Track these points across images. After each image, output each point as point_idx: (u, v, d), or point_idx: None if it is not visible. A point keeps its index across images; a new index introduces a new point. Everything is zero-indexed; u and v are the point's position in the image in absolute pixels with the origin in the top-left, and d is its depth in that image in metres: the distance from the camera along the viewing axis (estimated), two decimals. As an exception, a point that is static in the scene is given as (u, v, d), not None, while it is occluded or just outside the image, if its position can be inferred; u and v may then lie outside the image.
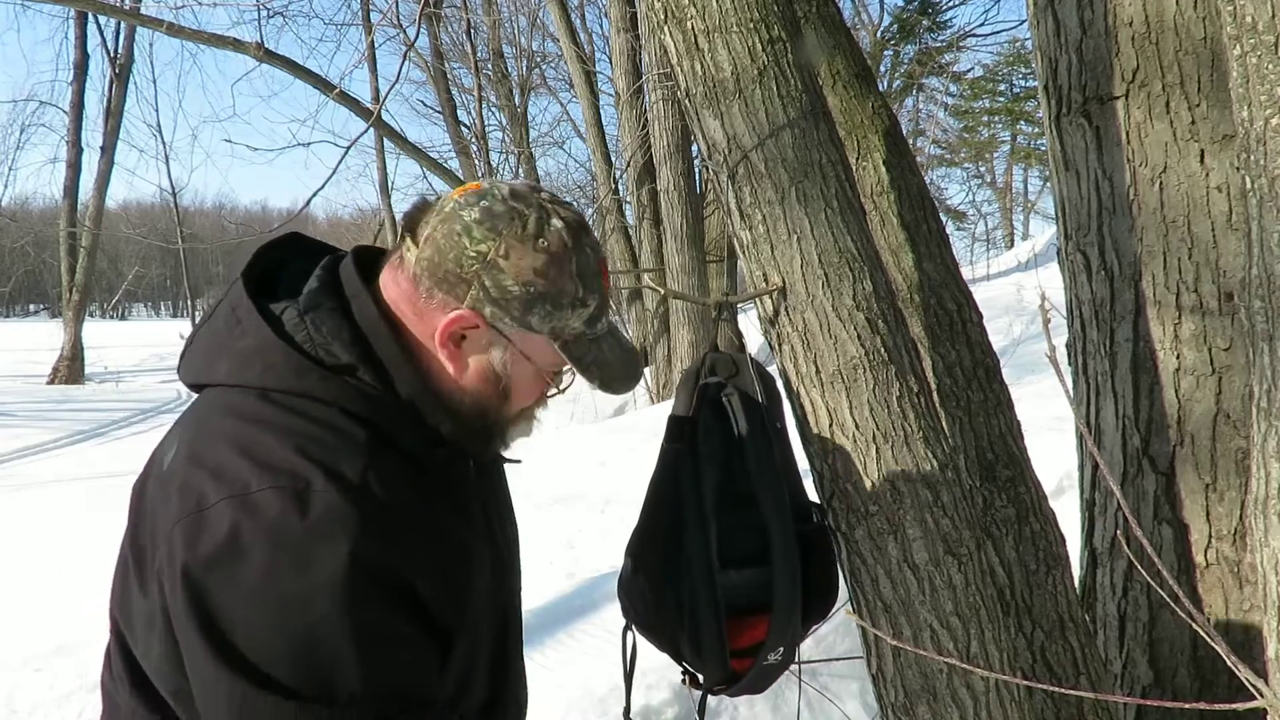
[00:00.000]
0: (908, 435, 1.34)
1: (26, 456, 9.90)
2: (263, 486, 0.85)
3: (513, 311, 0.96)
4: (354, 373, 0.95)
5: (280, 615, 0.83)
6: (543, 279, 0.96)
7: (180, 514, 0.87)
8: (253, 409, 0.93)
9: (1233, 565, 1.59)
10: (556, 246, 0.96)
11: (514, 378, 1.02)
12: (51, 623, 4.39)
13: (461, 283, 0.95)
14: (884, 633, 1.34)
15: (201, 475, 0.89)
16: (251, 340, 0.96)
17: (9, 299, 55.21)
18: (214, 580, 0.84)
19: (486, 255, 0.94)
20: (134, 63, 18.44)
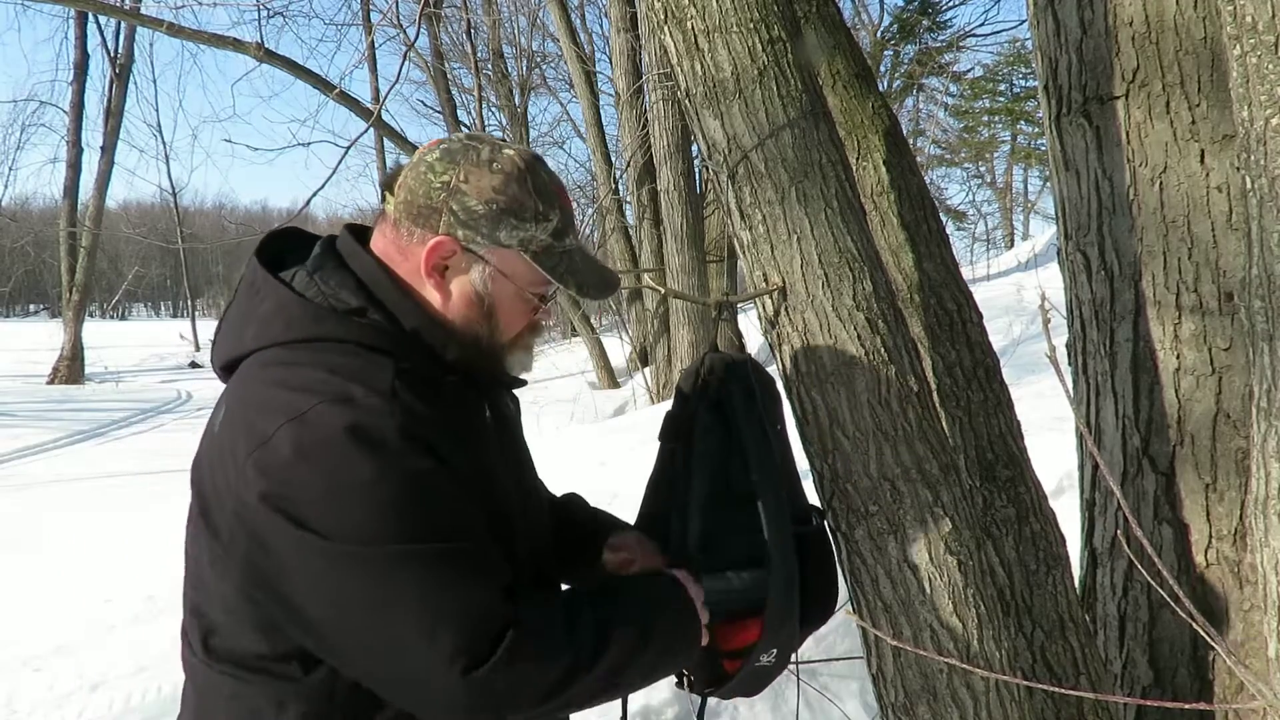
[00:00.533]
0: (908, 435, 1.34)
1: (26, 456, 9.90)
2: (313, 404, 0.96)
3: (482, 229, 1.08)
4: (364, 314, 1.07)
5: (365, 493, 0.94)
6: (503, 195, 1.07)
7: (246, 454, 0.96)
8: (283, 357, 1.04)
9: (1233, 565, 1.59)
10: (510, 168, 1.09)
11: (496, 297, 1.12)
12: (51, 623, 4.39)
13: (433, 213, 1.08)
14: (884, 633, 1.34)
15: (253, 416, 0.99)
16: (271, 302, 1.07)
17: (9, 299, 55.20)
18: (294, 490, 0.94)
19: (449, 183, 1.07)
20: (134, 63, 18.47)
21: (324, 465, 0.94)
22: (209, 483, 1.02)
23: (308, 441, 0.94)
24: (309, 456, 0.94)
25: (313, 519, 0.93)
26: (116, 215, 42.52)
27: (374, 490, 0.94)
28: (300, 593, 0.96)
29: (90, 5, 4.51)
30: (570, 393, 11.09)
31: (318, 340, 1.04)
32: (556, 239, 1.12)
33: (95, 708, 3.46)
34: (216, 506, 1.00)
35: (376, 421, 0.96)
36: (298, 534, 0.93)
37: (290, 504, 0.94)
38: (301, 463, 0.94)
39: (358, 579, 0.94)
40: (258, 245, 1.15)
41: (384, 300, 1.08)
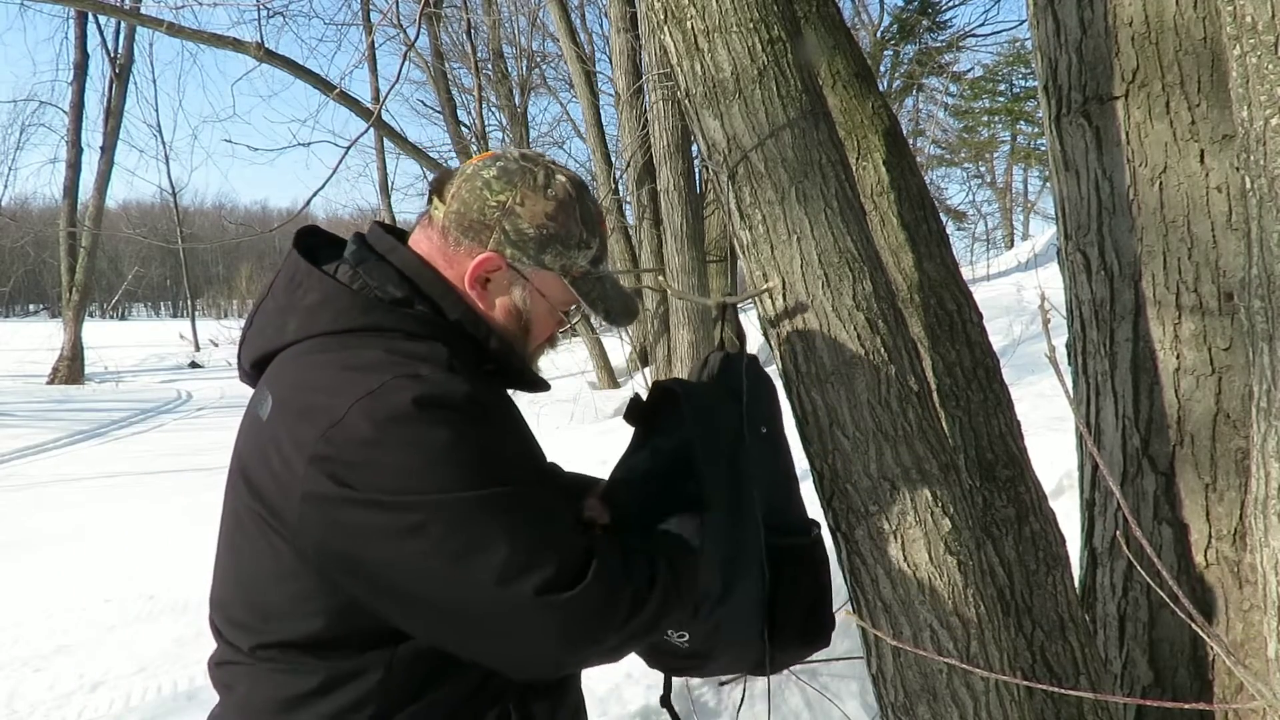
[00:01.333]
0: (908, 435, 1.33)
1: (26, 456, 9.90)
2: (384, 380, 0.98)
3: (529, 251, 1.14)
4: (410, 305, 1.11)
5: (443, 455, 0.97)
6: (554, 222, 1.13)
7: (317, 436, 0.97)
8: (335, 344, 1.06)
9: (1233, 565, 1.59)
10: (563, 195, 1.15)
11: (533, 313, 1.18)
12: (51, 623, 4.39)
13: (485, 229, 1.13)
14: (884, 633, 1.34)
15: (316, 399, 1.00)
16: (316, 294, 1.10)
17: (9, 299, 55.19)
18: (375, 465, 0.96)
19: (505, 204, 1.12)
20: (134, 63, 18.47)
21: (402, 436, 0.96)
22: (262, 475, 1.02)
23: (383, 415, 0.96)
24: (386, 430, 0.96)
25: (397, 489, 0.96)
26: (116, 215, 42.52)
27: (452, 452, 0.97)
28: (387, 564, 0.97)
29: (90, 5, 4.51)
30: (570, 393, 11.09)
31: (365, 330, 1.07)
32: (593, 265, 1.19)
33: (95, 708, 3.46)
34: (277, 496, 1.00)
35: (446, 390, 0.99)
36: (381, 508, 0.96)
37: (371, 478, 0.96)
38: (380, 436, 0.96)
39: (445, 531, 0.96)
40: (294, 240, 1.17)
41: (428, 292, 1.12)
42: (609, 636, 1.04)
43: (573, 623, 0.99)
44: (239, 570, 1.09)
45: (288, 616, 1.03)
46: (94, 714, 3.41)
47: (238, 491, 1.07)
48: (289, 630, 1.04)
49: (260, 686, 1.07)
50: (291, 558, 1.01)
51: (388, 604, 1.01)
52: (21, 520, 6.72)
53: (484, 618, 0.99)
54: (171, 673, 3.70)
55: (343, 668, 1.03)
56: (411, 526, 0.96)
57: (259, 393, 1.10)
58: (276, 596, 1.04)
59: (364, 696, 1.03)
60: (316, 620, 1.02)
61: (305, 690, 1.03)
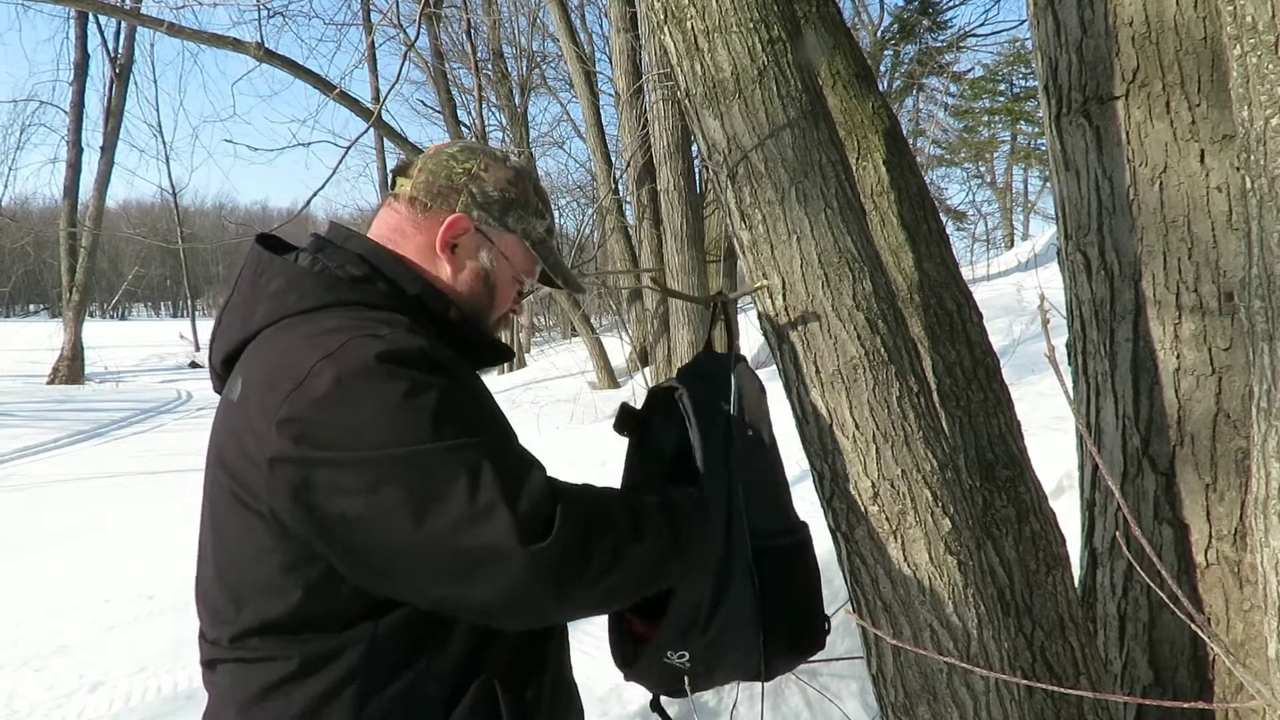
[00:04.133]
0: (908, 435, 1.34)
1: (26, 456, 9.90)
2: (344, 341, 1.01)
3: (494, 213, 1.22)
4: (370, 282, 1.14)
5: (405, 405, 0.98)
6: (514, 187, 1.24)
7: (282, 398, 0.99)
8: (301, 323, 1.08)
9: (1233, 565, 1.59)
10: (520, 167, 1.27)
11: (498, 277, 1.25)
12: (51, 623, 4.39)
13: (454, 192, 1.21)
14: (884, 633, 1.34)
15: (282, 366, 1.02)
16: (280, 280, 1.13)
17: (9, 299, 55.17)
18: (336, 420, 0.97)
19: (472, 170, 1.22)
20: (134, 63, 18.47)
21: (362, 391, 0.98)
22: (234, 454, 1.03)
23: (343, 372, 0.98)
24: (346, 386, 0.97)
25: (359, 444, 0.96)
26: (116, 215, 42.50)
27: (412, 403, 0.98)
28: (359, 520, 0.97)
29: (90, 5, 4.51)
30: (570, 393, 11.09)
31: (329, 306, 1.10)
32: (549, 235, 1.29)
33: (95, 708, 3.46)
34: (249, 469, 1.01)
35: (406, 346, 1.01)
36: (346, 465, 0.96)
37: (334, 435, 0.97)
38: (340, 393, 0.97)
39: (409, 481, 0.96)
40: (255, 238, 1.21)
41: (386, 271, 1.16)
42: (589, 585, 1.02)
43: (548, 568, 0.98)
44: (217, 559, 1.09)
45: (265, 597, 1.03)
46: (94, 714, 3.41)
47: (215, 480, 1.08)
48: (266, 611, 1.03)
49: (241, 677, 1.06)
50: (266, 532, 1.01)
51: (361, 565, 0.99)
52: (21, 520, 6.72)
53: (458, 567, 0.98)
54: (171, 673, 3.70)
55: (321, 649, 1.03)
56: (376, 480, 0.96)
57: (230, 381, 1.11)
58: (254, 577, 1.04)
59: (344, 677, 1.02)
60: (293, 596, 1.01)
61: (285, 675, 1.03)
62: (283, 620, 1.03)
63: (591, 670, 3.00)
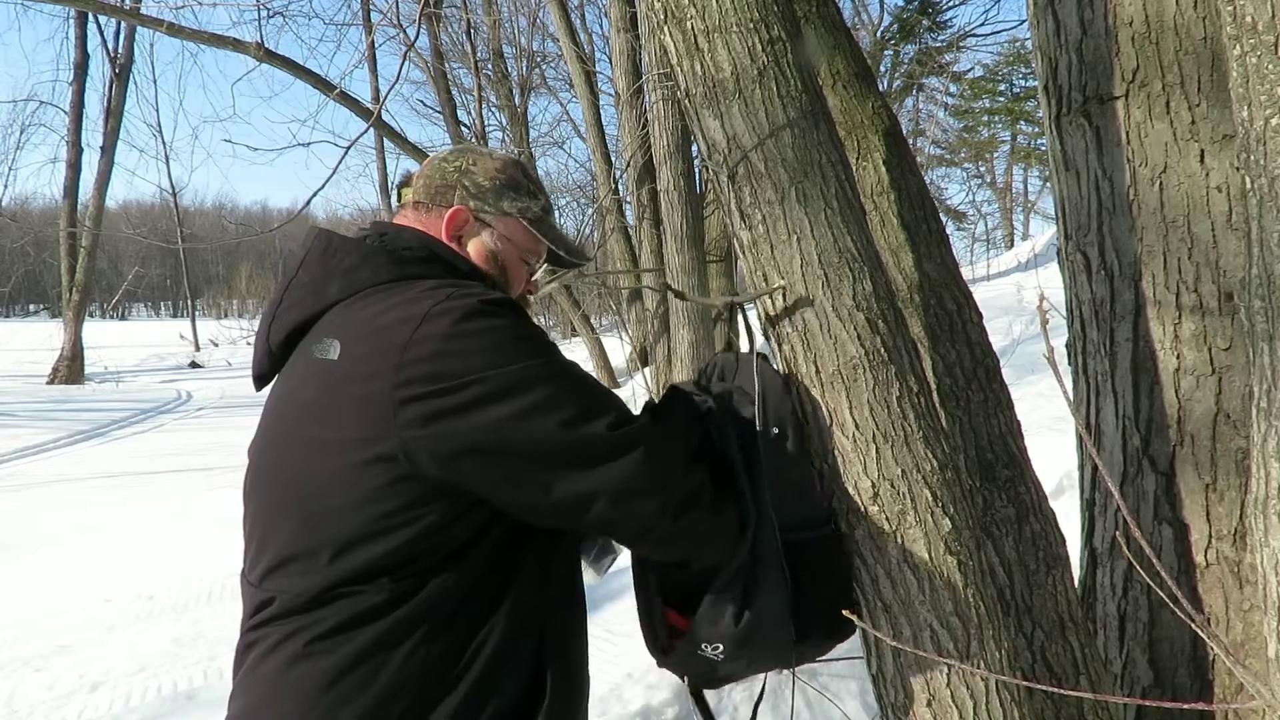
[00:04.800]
0: (908, 435, 1.33)
1: (26, 456, 9.90)
2: (448, 293, 1.13)
3: (488, 200, 1.34)
4: (432, 262, 1.25)
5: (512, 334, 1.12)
6: (503, 174, 1.36)
7: (406, 339, 1.08)
8: (383, 293, 1.17)
9: (1233, 565, 1.59)
10: (506, 158, 1.39)
11: (505, 257, 1.35)
12: (51, 623, 4.39)
13: (449, 189, 1.34)
14: (884, 633, 1.34)
15: (391, 324, 1.11)
16: (354, 256, 1.22)
17: (9, 299, 55.18)
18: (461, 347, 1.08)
19: (461, 166, 1.35)
20: (134, 63, 18.47)
21: (478, 327, 1.10)
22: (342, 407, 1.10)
23: (455, 317, 1.09)
24: (461, 325, 1.09)
25: (483, 365, 1.08)
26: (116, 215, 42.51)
27: (519, 333, 1.13)
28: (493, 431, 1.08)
29: (90, 5, 4.51)
30: (570, 393, 11.06)
31: (402, 280, 1.19)
32: (546, 214, 1.39)
33: (95, 708, 3.46)
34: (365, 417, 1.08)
35: (497, 297, 1.15)
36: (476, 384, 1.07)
37: (459, 365, 1.07)
38: (456, 331, 1.08)
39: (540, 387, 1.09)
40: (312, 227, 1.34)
41: (439, 252, 1.28)
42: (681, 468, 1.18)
43: (651, 443, 1.13)
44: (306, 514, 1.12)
45: (364, 543, 1.09)
46: (94, 714, 3.41)
47: (297, 441, 1.15)
48: (365, 557, 1.09)
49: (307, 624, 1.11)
50: (382, 475, 1.07)
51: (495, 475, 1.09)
52: (21, 520, 6.71)
53: (585, 454, 1.11)
54: (171, 673, 3.70)
55: (402, 590, 1.09)
56: (508, 389, 1.08)
57: (308, 346, 1.18)
58: (354, 525, 1.09)
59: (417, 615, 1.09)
60: (395, 538, 1.08)
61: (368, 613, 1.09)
62: (377, 565, 1.09)
63: (592, 670, 3.01)
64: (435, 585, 1.11)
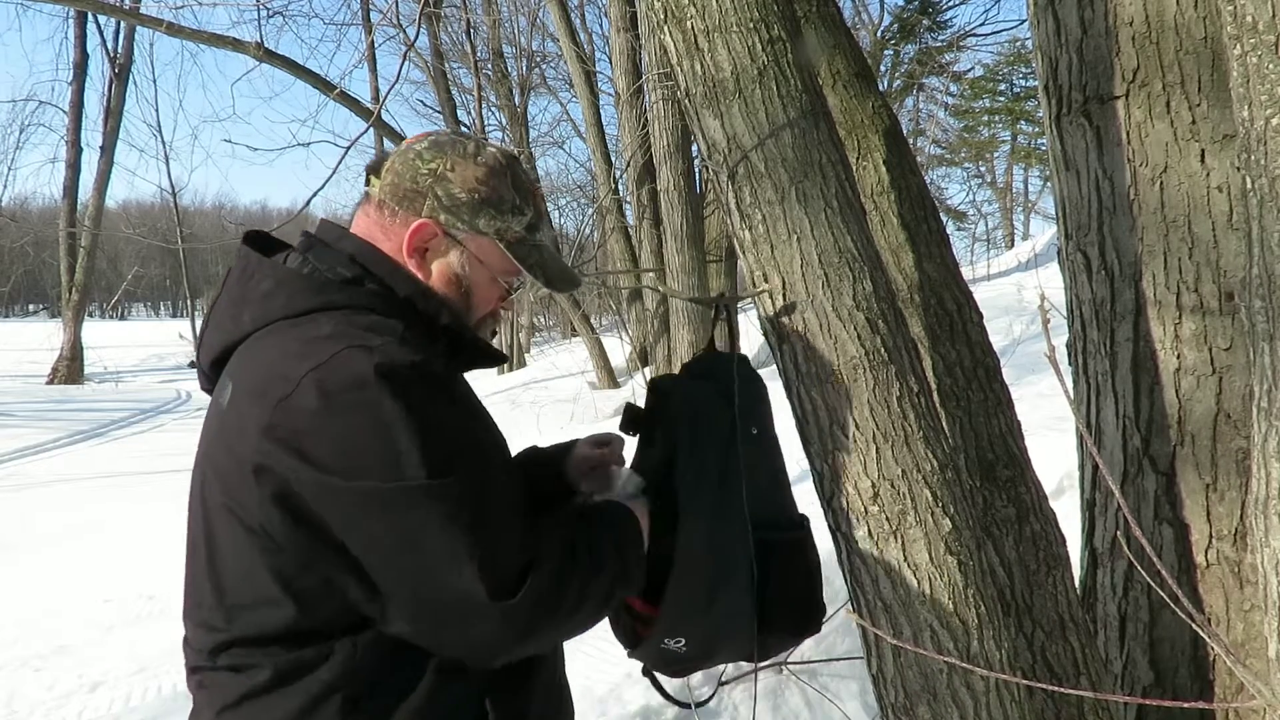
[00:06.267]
0: (908, 435, 1.33)
1: (26, 456, 9.90)
2: (336, 351, 0.99)
3: (463, 216, 1.14)
4: (361, 284, 1.12)
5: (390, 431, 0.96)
6: (485, 186, 1.14)
7: (273, 405, 0.98)
8: (290, 327, 1.06)
9: (1233, 565, 1.59)
10: (493, 162, 1.16)
11: (473, 280, 1.18)
12: (51, 623, 4.39)
13: (419, 196, 1.14)
14: (884, 633, 1.34)
15: (273, 374, 1.00)
16: (269, 281, 1.10)
17: (9, 299, 55.18)
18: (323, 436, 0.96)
19: (437, 170, 1.14)
20: (134, 62, 18.47)
21: (352, 406, 0.96)
22: (226, 461, 1.02)
23: (333, 385, 0.96)
24: (336, 399, 0.96)
25: (343, 466, 0.96)
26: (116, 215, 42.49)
27: (400, 428, 0.96)
28: (341, 538, 0.98)
29: (90, 5, 4.51)
30: (570, 393, 11.09)
31: (320, 310, 1.07)
32: (529, 232, 1.19)
33: (95, 708, 3.46)
34: (239, 481, 1.00)
35: (397, 360, 0.99)
36: (334, 475, 0.96)
37: (323, 447, 0.96)
38: (330, 405, 0.96)
39: (393, 519, 0.96)
40: (243, 239, 1.19)
41: (376, 271, 1.13)
42: (555, 627, 1.05)
43: (515, 623, 1.00)
44: (210, 571, 1.07)
45: (258, 608, 1.02)
46: (94, 714, 3.41)
47: (206, 489, 1.07)
48: (258, 623, 1.03)
49: (224, 685, 1.06)
50: (258, 546, 1.00)
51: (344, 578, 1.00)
52: (21, 520, 6.71)
53: (429, 608, 1.00)
54: (171, 673, 3.70)
55: (304, 658, 1.02)
56: (360, 509, 0.97)
57: (220, 384, 1.10)
58: (248, 589, 1.03)
59: (325, 689, 1.01)
60: (287, 608, 1.01)
61: (265, 683, 1.02)
62: (273, 632, 1.02)
63: (591, 671, 3.01)
64: (342, 653, 1.02)
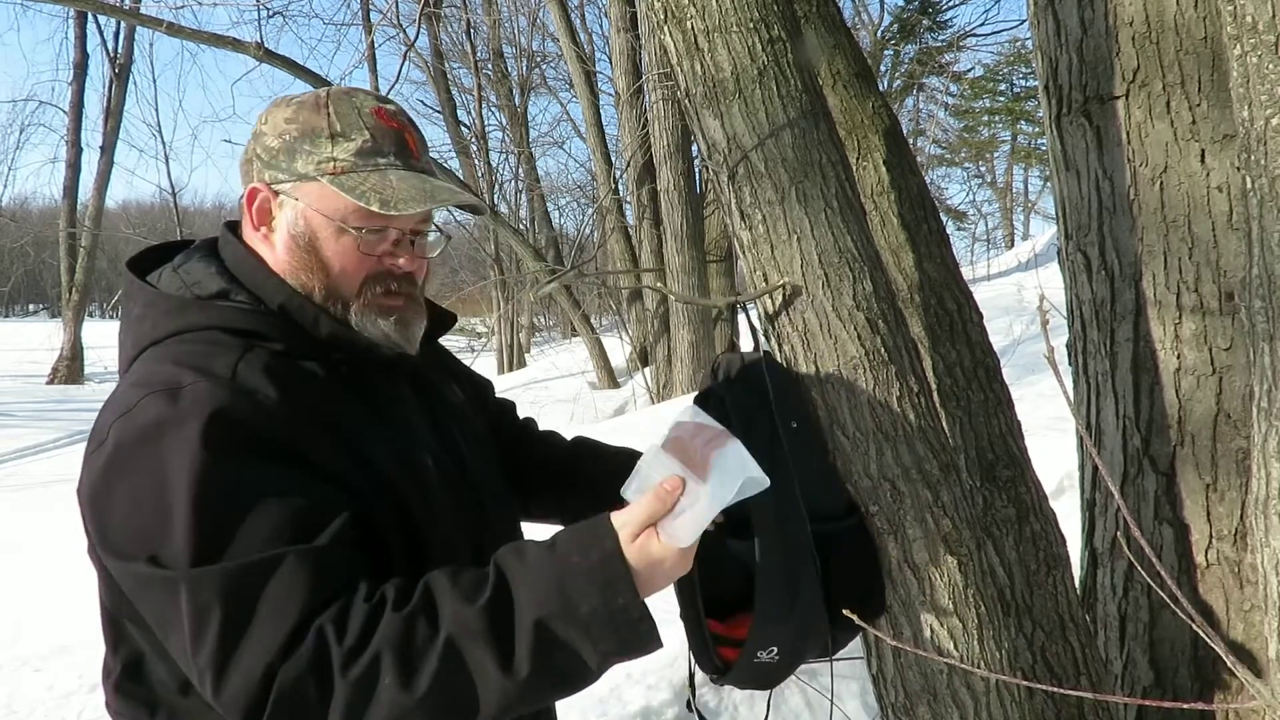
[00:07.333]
0: (908, 435, 1.33)
1: (26, 456, 9.89)
2: (139, 397, 0.94)
3: (280, 165, 1.03)
4: (226, 297, 1.04)
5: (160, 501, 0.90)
6: (294, 124, 1.03)
7: (85, 464, 0.97)
8: (147, 357, 1.02)
9: (1233, 565, 1.59)
10: (310, 99, 1.05)
11: (315, 236, 1.04)
12: (51, 623, 4.39)
13: (249, 164, 1.06)
14: (884, 633, 1.34)
15: (96, 427, 0.99)
16: (139, 305, 1.06)
17: (9, 299, 55.17)
18: (102, 497, 0.94)
19: (256, 130, 1.06)
20: (134, 62, 18.46)
21: (136, 465, 0.92)
22: None
23: (126, 438, 0.93)
24: (124, 456, 0.93)
25: (119, 535, 0.94)
26: (116, 215, 42.45)
27: (177, 493, 0.89)
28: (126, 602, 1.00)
29: (90, 5, 4.52)
30: (570, 393, 11.08)
31: (182, 332, 1.01)
32: (362, 158, 1.02)
33: (95, 708, 3.46)
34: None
35: (192, 409, 0.91)
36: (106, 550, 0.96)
37: (104, 512, 0.95)
38: (117, 463, 0.93)
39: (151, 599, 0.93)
40: (130, 258, 1.13)
41: (245, 281, 1.05)
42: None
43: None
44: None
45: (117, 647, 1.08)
46: (94, 714, 3.41)
47: None
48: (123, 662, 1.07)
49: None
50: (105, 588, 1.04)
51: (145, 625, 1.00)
52: (21, 520, 6.71)
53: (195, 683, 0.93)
54: (171, 673, 3.70)
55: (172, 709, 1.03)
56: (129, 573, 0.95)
57: None
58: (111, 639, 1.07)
59: None
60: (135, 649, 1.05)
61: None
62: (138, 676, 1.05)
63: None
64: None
